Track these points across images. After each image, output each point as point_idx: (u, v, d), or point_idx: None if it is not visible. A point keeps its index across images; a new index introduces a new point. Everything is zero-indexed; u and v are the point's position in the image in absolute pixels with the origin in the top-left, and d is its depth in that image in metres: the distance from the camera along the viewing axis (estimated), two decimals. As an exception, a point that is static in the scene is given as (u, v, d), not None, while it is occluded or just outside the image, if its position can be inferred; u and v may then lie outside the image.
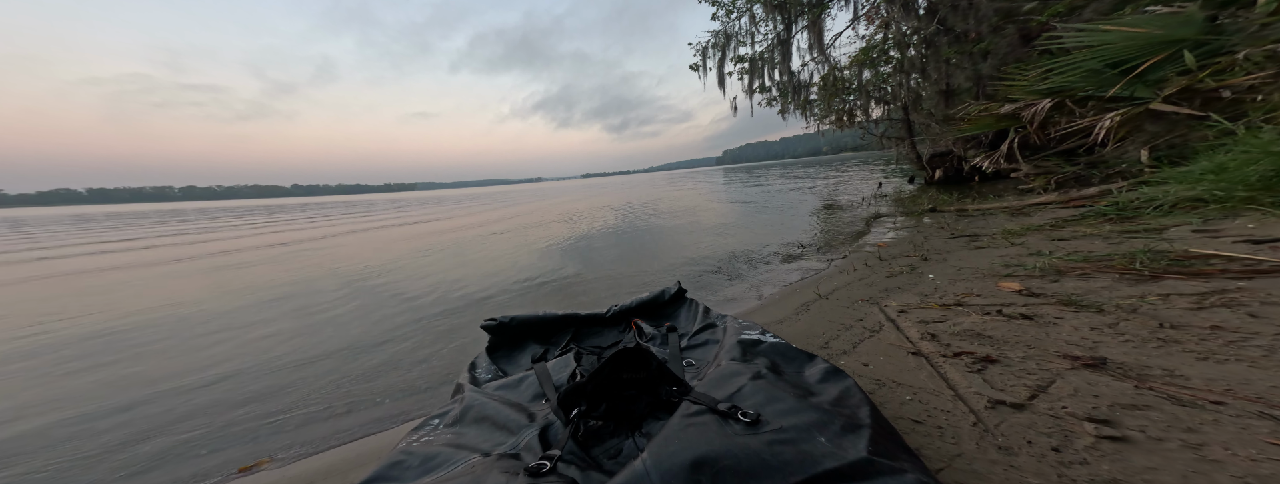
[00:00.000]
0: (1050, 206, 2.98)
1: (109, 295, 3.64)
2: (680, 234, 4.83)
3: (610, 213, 8.37)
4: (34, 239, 10.53)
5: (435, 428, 0.84)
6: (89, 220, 21.15)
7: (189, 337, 2.43)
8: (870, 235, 3.33)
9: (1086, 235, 1.98)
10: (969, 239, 2.43)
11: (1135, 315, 1.12)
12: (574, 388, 0.76)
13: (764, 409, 0.63)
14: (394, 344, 2.09)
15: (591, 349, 1.27)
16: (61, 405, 1.66)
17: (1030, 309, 1.27)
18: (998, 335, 1.14)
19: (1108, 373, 0.89)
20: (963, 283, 1.65)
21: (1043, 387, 0.88)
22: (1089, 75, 2.90)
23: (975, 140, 5.06)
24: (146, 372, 1.95)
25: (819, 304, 1.75)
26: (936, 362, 1.06)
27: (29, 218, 31.87)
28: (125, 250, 7.07)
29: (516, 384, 0.98)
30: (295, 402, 1.59)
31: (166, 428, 1.46)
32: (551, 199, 16.58)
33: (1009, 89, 3.50)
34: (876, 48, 5.63)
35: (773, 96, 6.77)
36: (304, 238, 7.66)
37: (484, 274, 3.60)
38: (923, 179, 6.21)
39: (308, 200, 77.58)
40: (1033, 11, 3.91)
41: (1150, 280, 1.32)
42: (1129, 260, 1.47)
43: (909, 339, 1.23)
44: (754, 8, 6.17)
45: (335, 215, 15.38)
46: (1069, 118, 3.10)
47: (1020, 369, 0.96)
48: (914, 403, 0.91)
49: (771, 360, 0.88)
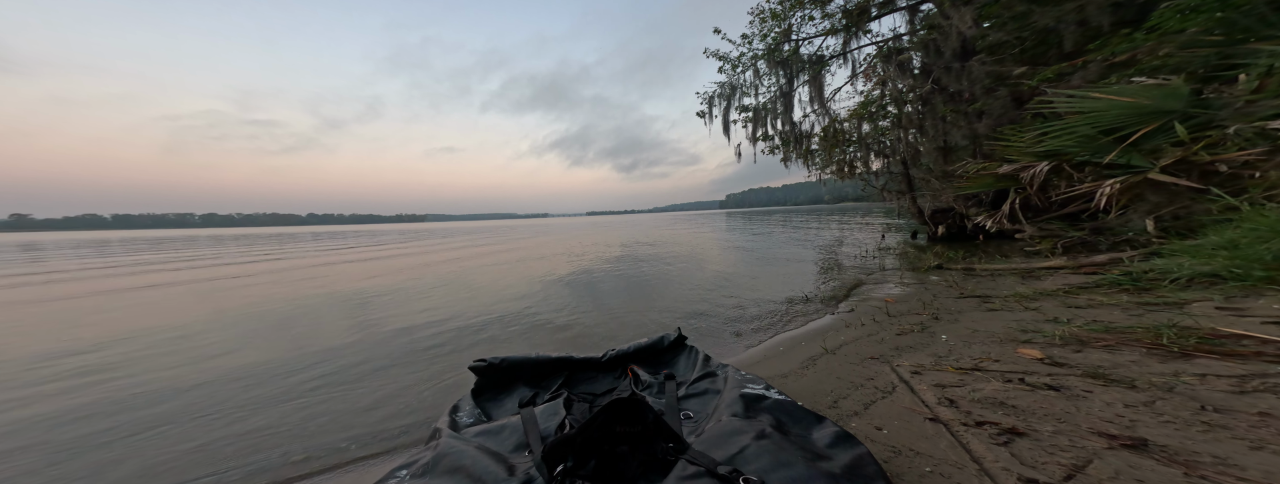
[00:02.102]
0: (1061, 271, 2.93)
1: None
2: (679, 278, 4.79)
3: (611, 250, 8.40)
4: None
5: (402, 480, 0.75)
6: (103, 244, 21.07)
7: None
8: (876, 289, 3.27)
9: (1104, 304, 1.92)
10: (980, 300, 2.36)
11: (1172, 395, 1.04)
12: (561, 440, 0.70)
13: (769, 476, 0.57)
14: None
15: (584, 396, 1.19)
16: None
17: (1055, 379, 1.19)
18: (1022, 406, 1.06)
19: (1150, 456, 0.80)
20: (978, 346, 1.57)
21: (1079, 466, 0.79)
22: (1083, 140, 3.02)
23: (975, 198, 5.15)
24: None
25: (825, 359, 1.66)
26: (957, 430, 0.97)
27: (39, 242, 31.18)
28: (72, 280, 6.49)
29: (499, 431, 0.90)
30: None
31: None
32: (552, 236, 16.70)
33: (1005, 149, 3.63)
34: (874, 103, 5.92)
35: (775, 145, 7.01)
36: (250, 271, 6.88)
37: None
38: (926, 235, 6.23)
39: (318, 229, 78.26)
40: (1023, 76, 4.16)
41: (1181, 358, 1.25)
42: (1155, 334, 1.40)
43: (926, 404, 1.14)
44: (758, 63, 6.62)
45: (318, 244, 15.15)
46: (1068, 181, 3.18)
47: (1051, 445, 0.87)
48: (935, 476, 0.82)
49: (777, 419, 0.81)
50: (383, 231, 35.96)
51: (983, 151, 4.73)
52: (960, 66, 4.84)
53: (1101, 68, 3.39)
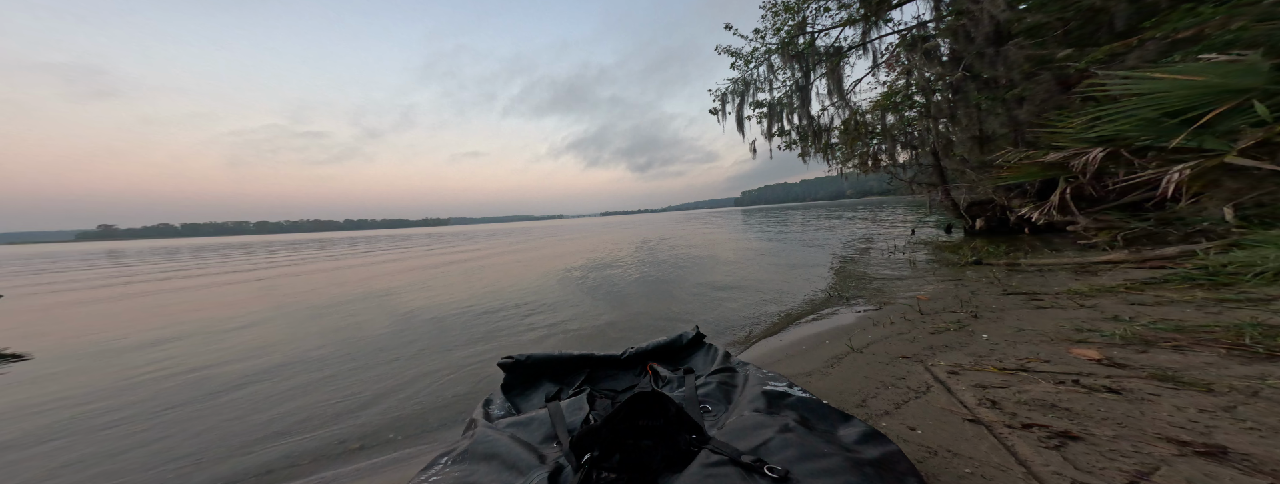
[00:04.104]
0: (1122, 266, 2.68)
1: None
2: (696, 276, 4.73)
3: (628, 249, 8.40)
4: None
5: (444, 465, 0.79)
6: (173, 251, 22.73)
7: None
8: (907, 286, 3.10)
9: (1173, 302, 1.74)
10: (1026, 297, 2.19)
11: (1257, 399, 0.92)
12: (588, 432, 0.70)
13: (794, 467, 0.55)
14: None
15: (606, 392, 1.20)
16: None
17: (1115, 382, 1.08)
18: (1077, 409, 0.97)
19: (1231, 464, 0.71)
20: (1024, 345, 1.45)
21: (1145, 473, 0.71)
22: (1145, 124, 2.75)
23: (1019, 189, 4.80)
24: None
25: (852, 358, 1.58)
26: (1001, 432, 0.90)
27: (124, 250, 32.74)
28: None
29: (528, 423, 0.92)
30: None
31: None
32: (562, 237, 16.86)
33: (1052, 136, 3.36)
34: (899, 93, 5.61)
35: (792, 140, 6.77)
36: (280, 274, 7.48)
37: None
38: (962, 229, 5.86)
39: (355, 234, 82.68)
40: (1069, 58, 3.85)
41: (1268, 359, 1.11)
42: (1236, 334, 1.25)
43: (964, 404, 1.07)
44: (772, 58, 6.41)
45: (356, 248, 15.75)
46: (1126, 168, 2.90)
47: (1111, 450, 0.79)
48: (976, 478, 0.76)
49: (801, 415, 0.78)
50: (412, 235, 37.38)
51: (1025, 139, 4.41)
52: (995, 52, 4.54)
53: (1161, 45, 3.08)
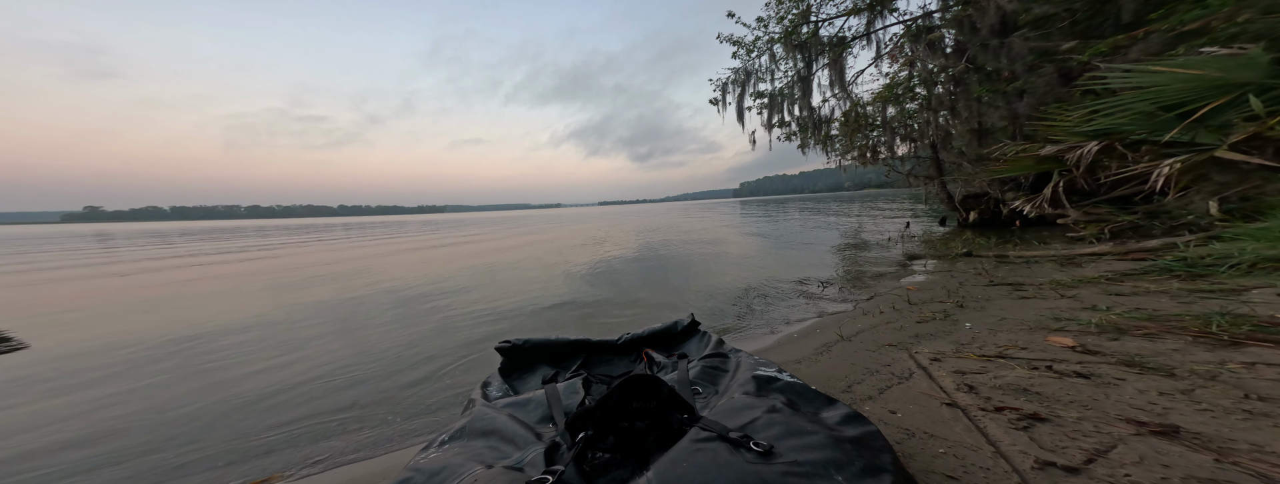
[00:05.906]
0: (1105, 258, 2.75)
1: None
2: (695, 264, 4.79)
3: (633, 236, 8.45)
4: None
5: (443, 443, 0.83)
6: (164, 235, 21.01)
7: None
8: (898, 277, 3.17)
9: (1150, 292, 1.80)
10: (1011, 288, 2.26)
11: (1215, 383, 0.98)
12: (583, 412, 0.74)
13: (779, 443, 0.59)
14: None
15: (601, 378, 1.24)
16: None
17: (1086, 367, 1.14)
18: (1047, 393, 1.03)
19: (1181, 442, 0.77)
20: (1005, 334, 1.52)
21: (1102, 451, 0.77)
22: (1141, 118, 2.77)
23: (1013, 182, 4.84)
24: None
25: (841, 346, 1.65)
26: (975, 415, 0.96)
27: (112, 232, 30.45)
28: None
29: (525, 404, 0.96)
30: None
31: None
32: (566, 227, 16.86)
33: (1049, 130, 3.38)
34: (901, 85, 5.58)
35: (792, 131, 6.73)
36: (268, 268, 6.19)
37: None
38: (955, 221, 5.93)
39: (349, 220, 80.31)
40: (1072, 51, 3.82)
41: (1230, 346, 1.17)
42: (1204, 322, 1.31)
43: (943, 389, 1.13)
44: (774, 47, 6.30)
45: (313, 236, 14.68)
46: (1120, 162, 2.94)
47: (1074, 430, 0.85)
48: (948, 457, 0.82)
49: (788, 398, 0.83)
50: (408, 222, 36.81)
51: (1022, 133, 4.42)
52: (999, 43, 4.49)
53: (1166, 38, 3.07)
